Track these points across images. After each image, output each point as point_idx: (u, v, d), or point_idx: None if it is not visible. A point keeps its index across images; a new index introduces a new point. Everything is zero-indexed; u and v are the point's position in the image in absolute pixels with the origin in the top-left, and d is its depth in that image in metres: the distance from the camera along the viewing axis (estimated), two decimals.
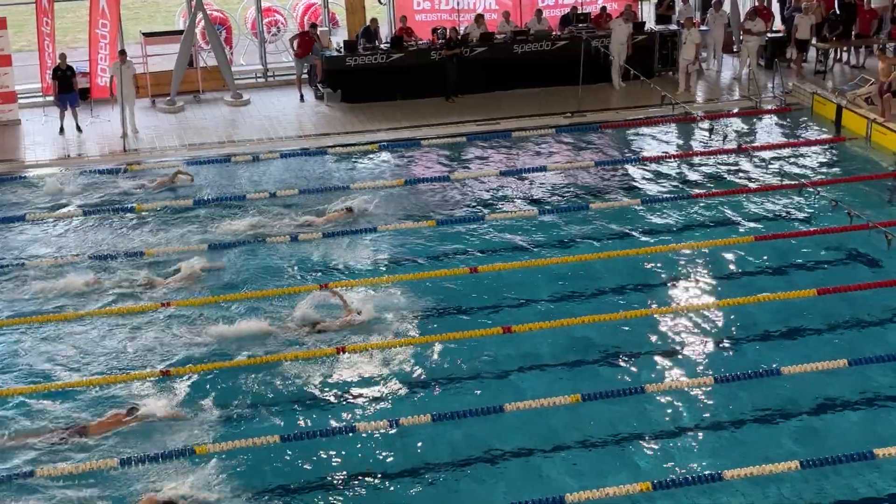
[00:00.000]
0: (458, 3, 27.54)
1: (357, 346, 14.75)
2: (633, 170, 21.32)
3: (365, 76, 25.49)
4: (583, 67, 24.83)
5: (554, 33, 26.58)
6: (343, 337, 15.05)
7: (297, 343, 14.96)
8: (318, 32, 26.32)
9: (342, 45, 26.03)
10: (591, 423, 13.18)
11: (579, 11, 27.27)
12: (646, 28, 27.09)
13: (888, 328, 15.33)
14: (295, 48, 26.29)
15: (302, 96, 26.12)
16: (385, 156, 22.42)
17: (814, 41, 26.80)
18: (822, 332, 15.26)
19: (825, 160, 21.94)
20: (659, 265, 17.22)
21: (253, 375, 14.21)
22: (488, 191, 20.34)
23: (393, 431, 12.93)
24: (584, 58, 24.92)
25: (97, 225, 18.99)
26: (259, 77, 27.71)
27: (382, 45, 25.92)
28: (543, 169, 21.14)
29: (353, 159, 22.18)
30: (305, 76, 26.42)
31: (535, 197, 20.02)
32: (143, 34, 26.78)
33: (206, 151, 22.68)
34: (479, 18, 26.53)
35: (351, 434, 12.88)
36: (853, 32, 27.05)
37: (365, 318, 15.31)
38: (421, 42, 26.06)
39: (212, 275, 17.01)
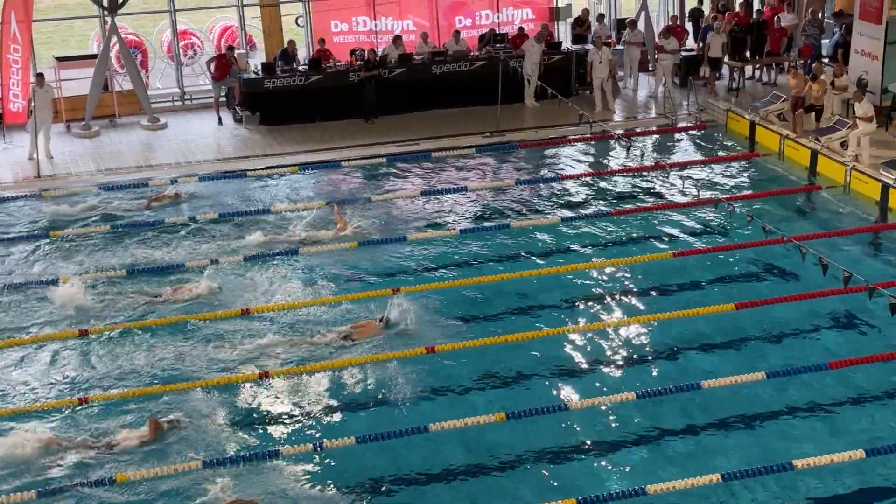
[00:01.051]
0: (375, 25, 27.58)
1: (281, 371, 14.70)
2: (552, 188, 21.47)
3: (283, 98, 25.39)
4: (501, 87, 25.00)
5: (472, 54, 26.73)
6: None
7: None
8: (236, 55, 26.17)
9: (260, 67, 25.92)
10: (515, 441, 13.19)
11: (497, 32, 27.46)
12: (562, 48, 27.36)
13: (805, 340, 15.59)
14: (212, 71, 26.10)
15: (220, 119, 25.93)
16: (305, 178, 22.29)
17: (726, 59, 27.27)
18: (741, 345, 15.48)
19: (740, 176, 22.31)
20: (579, 282, 17.34)
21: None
22: (409, 211, 20.33)
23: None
24: (502, 78, 25.09)
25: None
26: (176, 100, 27.48)
27: (300, 68, 25.85)
28: (464, 189, 21.20)
29: (273, 181, 22.04)
30: (223, 99, 26.25)
31: (456, 216, 20.05)
32: (57, 59, 26.41)
33: (123, 176, 22.38)
34: (398, 40, 26.59)
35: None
36: (764, 50, 27.56)
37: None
38: (339, 64, 26.03)
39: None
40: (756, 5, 29.11)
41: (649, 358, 15.26)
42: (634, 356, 15.29)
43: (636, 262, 17.87)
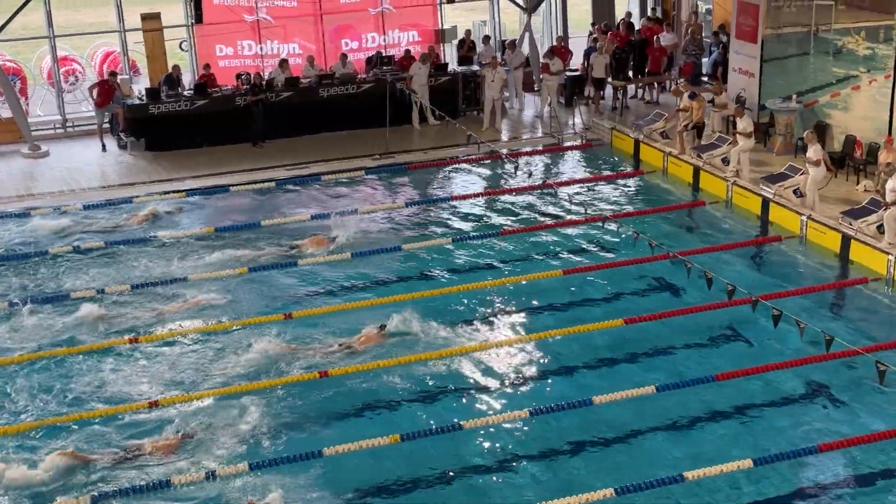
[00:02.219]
0: (261, 49, 27.44)
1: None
2: (442, 209, 21.56)
3: (169, 124, 25.08)
4: (389, 109, 25.05)
5: (359, 76, 26.76)
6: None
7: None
8: (119, 80, 25.78)
9: (144, 92, 25.57)
10: (409, 461, 13.18)
11: (383, 54, 27.54)
12: (449, 69, 27.55)
13: (692, 353, 15.89)
14: (95, 97, 25.67)
15: (104, 146, 25.51)
16: (193, 203, 22.03)
17: (610, 79, 27.75)
18: (631, 360, 15.71)
19: (626, 193, 22.69)
20: (470, 302, 17.42)
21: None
22: (299, 236, 20.19)
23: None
24: (390, 99, 25.16)
25: None
26: (58, 127, 26.95)
27: (186, 93, 25.58)
28: (354, 212, 21.17)
29: (161, 208, 21.71)
30: (107, 125, 25.82)
31: (346, 240, 19.97)
32: None
33: (4, 206, 21.85)
34: (284, 63, 26.49)
35: None
36: (646, 70, 28.11)
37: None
38: (225, 88, 25.82)
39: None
40: (637, 25, 29.70)
41: (541, 375, 15.39)
42: (526, 374, 15.41)
43: (526, 281, 18.03)
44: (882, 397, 14.38)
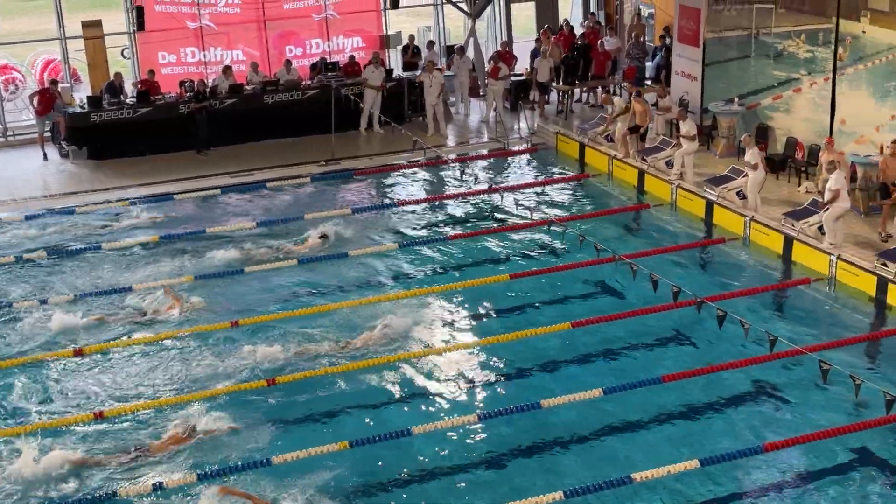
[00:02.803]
0: (204, 56, 27.27)
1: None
2: (389, 214, 21.53)
3: (112, 132, 24.85)
4: (334, 115, 25.00)
5: (304, 82, 26.67)
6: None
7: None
8: (60, 89, 25.51)
9: (86, 101, 25.31)
10: (358, 469, 13.13)
11: (328, 60, 27.47)
12: (394, 75, 27.53)
13: (639, 355, 15.99)
14: (35, 106, 25.37)
15: (45, 155, 25.21)
16: (137, 212, 21.82)
17: (554, 83, 27.88)
18: (578, 363, 15.78)
19: (571, 197, 22.80)
20: (418, 308, 17.40)
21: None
22: (245, 243, 20.06)
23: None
24: (335, 106, 25.10)
25: None
26: None
27: (128, 100, 25.35)
28: (300, 219, 21.08)
29: (103, 217, 21.51)
30: (48, 134, 25.52)
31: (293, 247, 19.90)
32: None
33: None
34: (227, 70, 26.34)
35: None
36: (590, 74, 28.27)
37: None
38: (168, 96, 25.63)
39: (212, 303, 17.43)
40: (580, 29, 29.86)
41: (489, 380, 15.40)
42: (475, 378, 15.41)
43: (473, 286, 18.05)
44: (825, 396, 14.56)
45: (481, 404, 14.67)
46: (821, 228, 18.67)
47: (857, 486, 12.91)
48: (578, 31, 29.58)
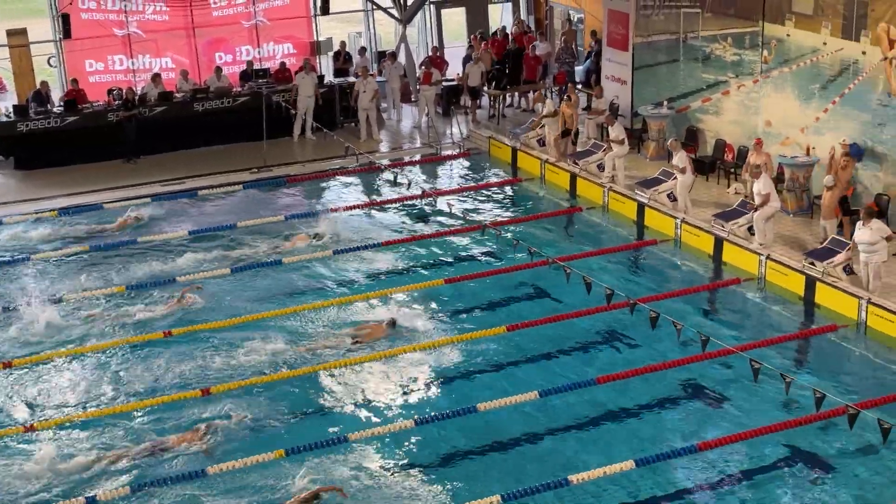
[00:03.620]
0: (133, 64, 26.98)
1: None
2: (323, 221, 21.38)
3: (39, 141, 24.49)
4: (265, 122, 24.86)
5: (234, 89, 26.49)
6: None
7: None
8: None
9: (11, 109, 24.91)
10: (293, 475, 13.05)
11: (258, 67, 27.32)
12: (325, 81, 27.45)
13: (574, 358, 16.09)
14: None
15: None
16: (66, 222, 21.53)
17: (486, 88, 27.96)
18: (514, 366, 15.83)
19: (505, 201, 22.88)
20: (353, 314, 17.36)
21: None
22: (178, 251, 19.88)
23: None
24: (267, 112, 24.97)
25: None
26: None
27: (56, 109, 24.99)
28: (233, 226, 20.93)
29: (31, 227, 21.20)
30: None
31: (226, 255, 19.73)
32: None
33: None
34: (157, 77, 26.09)
35: None
36: (521, 78, 28.40)
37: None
38: (97, 104, 25.32)
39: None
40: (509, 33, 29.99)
41: (426, 385, 15.40)
42: (411, 384, 15.40)
43: (409, 290, 18.06)
44: (756, 394, 14.75)
45: (418, 409, 14.65)
46: (750, 229, 18.93)
47: (789, 482, 13.10)
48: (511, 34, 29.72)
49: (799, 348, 16.53)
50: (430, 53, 28.92)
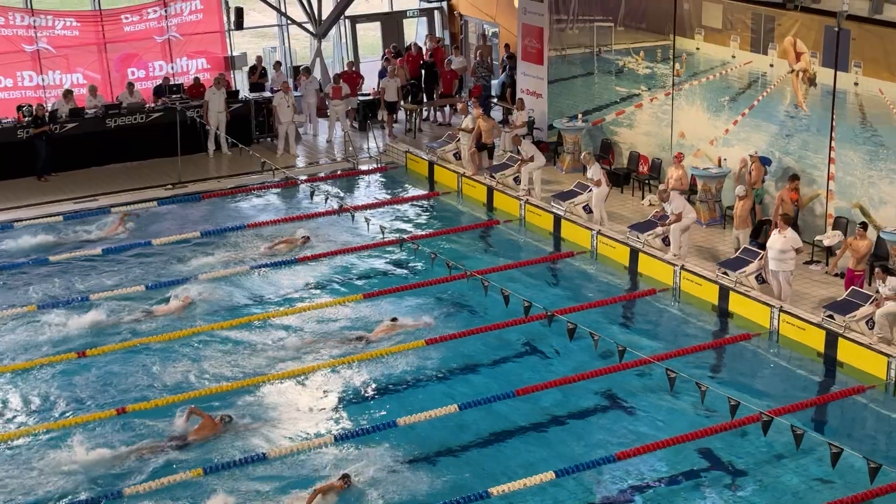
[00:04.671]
0: (43, 80, 26.53)
1: None
2: (240, 237, 21.23)
3: None
4: (180, 138, 24.61)
5: (148, 105, 26.18)
6: None
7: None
8: None
9: None
10: (211, 494, 12.92)
11: (172, 82, 27.04)
12: (240, 96, 27.26)
13: (493, 370, 16.16)
14: None
15: None
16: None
17: (402, 102, 27.99)
18: (434, 380, 15.85)
19: (422, 215, 22.91)
20: (271, 330, 17.24)
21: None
22: (89, 270, 19.58)
23: None
24: (181, 128, 24.72)
25: None
26: None
27: None
28: (149, 243, 20.68)
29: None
30: None
31: (142, 272, 19.49)
32: None
33: None
34: (68, 94, 25.67)
35: None
36: (437, 93, 28.48)
37: None
38: (6, 121, 24.84)
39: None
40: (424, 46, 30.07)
41: (345, 400, 15.34)
42: (330, 400, 15.34)
43: (326, 306, 17.99)
44: (673, 403, 14.94)
45: (337, 425, 14.60)
46: (665, 240, 19.19)
47: (707, 489, 13.29)
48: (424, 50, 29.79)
49: (714, 357, 16.79)
50: (346, 68, 28.87)
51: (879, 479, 12.27)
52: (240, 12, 27.92)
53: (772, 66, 19.63)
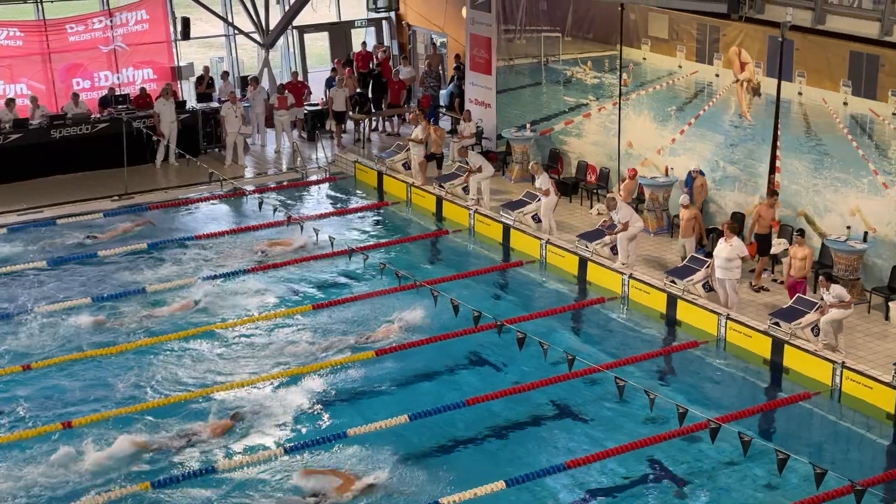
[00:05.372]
0: None
1: None
2: (186, 249, 21.06)
3: None
4: (126, 149, 24.39)
5: (93, 116, 25.93)
6: None
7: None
8: None
9: None
10: None
11: (118, 93, 26.81)
12: (188, 107, 27.08)
13: (443, 380, 16.16)
14: None
15: None
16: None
17: (350, 112, 27.94)
18: (384, 391, 15.82)
19: (371, 225, 22.88)
20: (217, 342, 17.13)
21: None
22: (33, 284, 19.34)
23: None
24: (127, 139, 24.51)
25: None
26: None
27: None
28: (94, 255, 20.47)
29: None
30: None
31: (89, 285, 19.27)
32: None
33: None
34: (11, 103, 25.36)
35: None
36: (385, 103, 28.48)
37: None
38: None
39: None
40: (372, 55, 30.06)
41: (293, 412, 15.26)
42: (278, 411, 15.24)
43: (275, 317, 17.91)
44: (622, 411, 15.02)
45: (284, 437, 14.53)
46: (614, 249, 19.30)
47: (656, 496, 13.37)
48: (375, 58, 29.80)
49: (663, 365, 16.91)
50: (291, 78, 28.77)
51: (825, 484, 12.39)
52: (186, 22, 27.75)
53: (717, 75, 19.83)
